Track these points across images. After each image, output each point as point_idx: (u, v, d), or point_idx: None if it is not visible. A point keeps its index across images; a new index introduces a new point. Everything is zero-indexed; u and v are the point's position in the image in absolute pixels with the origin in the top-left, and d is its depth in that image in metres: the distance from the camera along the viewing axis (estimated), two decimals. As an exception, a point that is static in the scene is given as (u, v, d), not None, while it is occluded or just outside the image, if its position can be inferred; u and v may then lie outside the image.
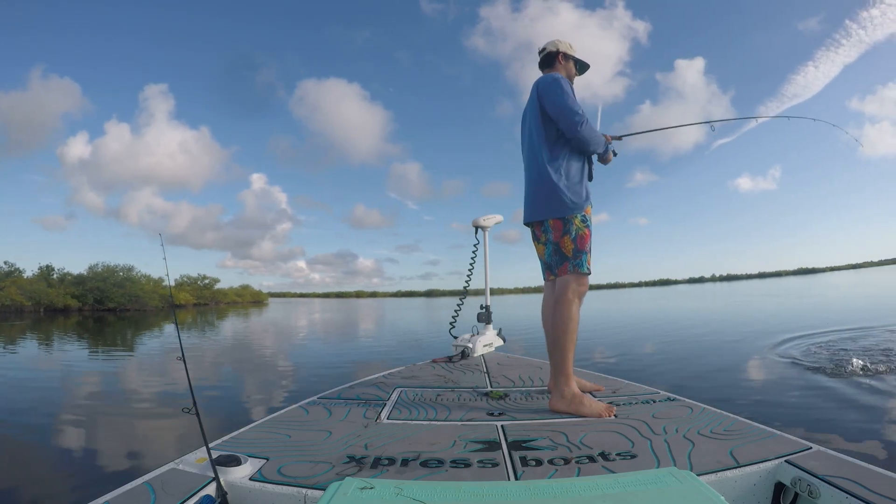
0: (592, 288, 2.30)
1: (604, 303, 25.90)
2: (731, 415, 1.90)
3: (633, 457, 1.50)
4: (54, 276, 47.78)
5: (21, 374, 7.21)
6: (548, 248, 2.29)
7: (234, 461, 1.42)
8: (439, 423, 1.94)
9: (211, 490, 1.32)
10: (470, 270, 3.76)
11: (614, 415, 1.98)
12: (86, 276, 47.30)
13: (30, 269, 47.77)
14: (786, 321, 9.89)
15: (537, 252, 2.43)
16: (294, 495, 1.31)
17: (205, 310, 45.54)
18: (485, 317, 3.86)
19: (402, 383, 2.70)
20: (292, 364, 7.68)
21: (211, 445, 1.48)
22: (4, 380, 6.49)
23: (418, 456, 1.55)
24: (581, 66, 2.52)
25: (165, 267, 1.57)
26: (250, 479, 1.38)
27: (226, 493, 1.34)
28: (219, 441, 1.71)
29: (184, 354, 1.47)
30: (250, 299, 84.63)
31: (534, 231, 2.39)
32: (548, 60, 2.46)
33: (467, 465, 1.47)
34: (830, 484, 1.22)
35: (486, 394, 2.41)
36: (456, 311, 3.86)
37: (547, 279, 2.41)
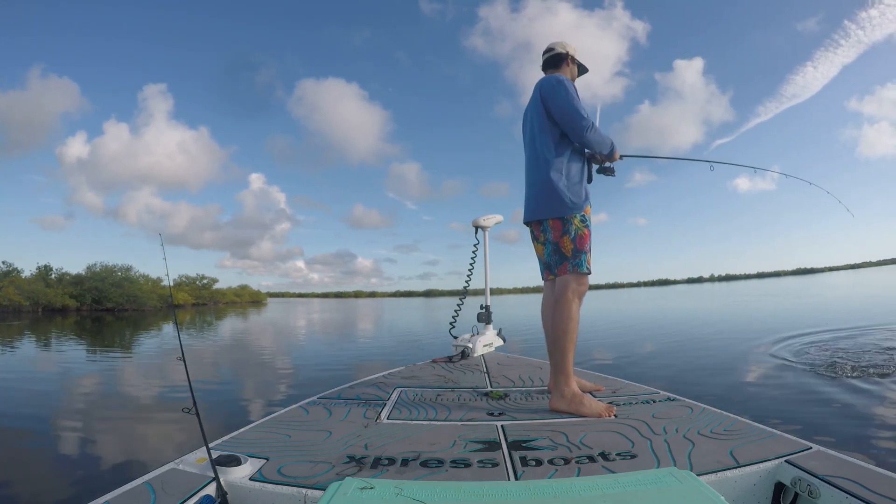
0: (591, 288, 2.30)
1: (603, 303, 25.92)
2: (731, 415, 1.90)
3: (633, 457, 1.50)
4: (52, 276, 47.66)
5: (20, 374, 7.19)
6: (547, 247, 2.29)
7: (234, 461, 1.42)
8: (439, 423, 1.94)
9: (211, 490, 1.32)
10: (470, 270, 3.75)
11: (614, 415, 1.98)
12: (84, 276, 47.20)
13: (28, 269, 47.78)
14: (785, 321, 9.90)
15: (536, 252, 2.42)
16: (294, 495, 1.31)
17: (203, 310, 45.46)
18: (485, 317, 3.86)
19: (402, 383, 2.70)
20: (292, 364, 7.67)
21: (211, 445, 1.48)
22: (3, 380, 6.48)
23: (418, 456, 1.55)
24: (581, 69, 2.53)
25: (165, 267, 1.57)
26: (250, 479, 1.38)
27: (226, 493, 1.34)
28: (219, 441, 1.71)
29: (184, 354, 1.47)
30: (249, 299, 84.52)
31: (533, 231, 2.38)
32: (554, 61, 2.44)
33: (467, 465, 1.47)
34: (830, 484, 1.22)
35: (486, 394, 2.41)
36: (456, 311, 3.85)
37: (546, 279, 2.40)
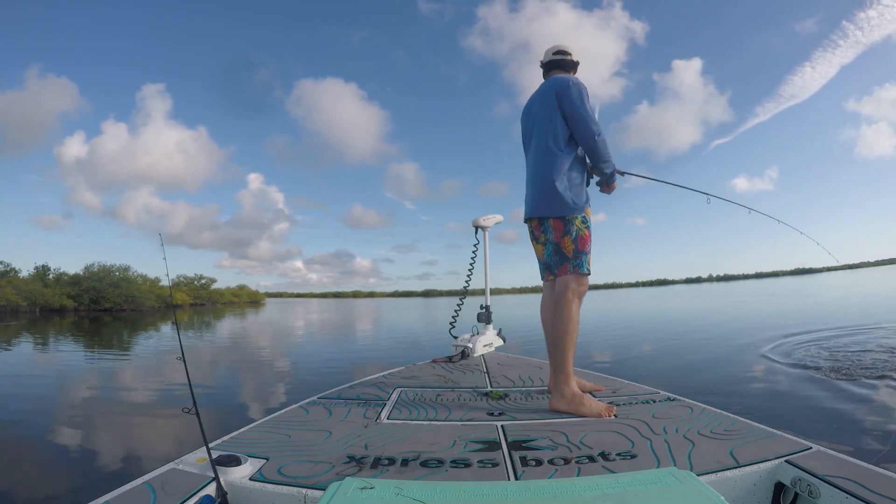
0: (589, 288, 2.29)
1: (602, 303, 25.94)
2: (731, 415, 1.90)
3: (633, 457, 1.50)
4: (50, 276, 47.58)
5: (19, 375, 7.17)
6: (547, 248, 2.28)
7: (234, 461, 1.42)
8: (439, 423, 1.94)
9: (211, 490, 1.32)
10: (470, 270, 3.75)
11: (614, 415, 1.98)
12: (82, 276, 47.13)
13: (26, 270, 47.69)
14: (784, 321, 9.91)
15: (536, 252, 2.41)
16: (294, 495, 1.30)
17: (201, 310, 45.40)
18: (485, 317, 3.86)
19: (402, 383, 2.69)
20: (291, 364, 7.66)
21: (211, 445, 1.47)
22: (2, 381, 6.46)
23: (418, 456, 1.55)
24: None
25: (165, 267, 1.57)
26: (250, 479, 1.38)
27: (226, 493, 1.34)
28: (219, 441, 1.70)
29: (184, 354, 1.46)
30: (247, 299, 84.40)
31: (532, 230, 2.36)
32: (565, 65, 2.43)
33: (467, 465, 1.46)
34: (830, 484, 1.22)
35: (486, 394, 2.41)
36: (456, 311, 3.85)
37: (546, 279, 2.39)
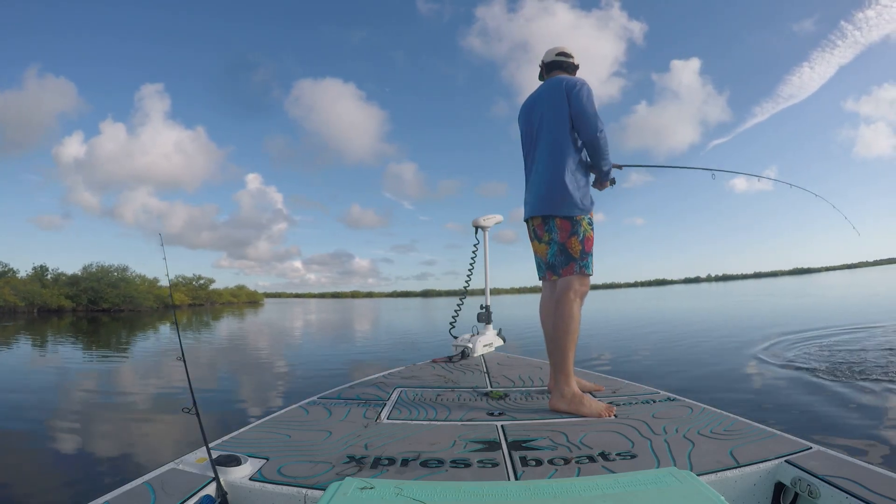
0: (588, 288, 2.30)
1: (601, 303, 25.95)
2: (731, 415, 1.90)
3: (633, 457, 1.50)
4: (48, 276, 47.46)
5: (17, 375, 7.15)
6: (552, 247, 2.25)
7: (234, 461, 1.42)
8: (439, 423, 1.94)
9: (211, 490, 1.31)
10: (470, 270, 3.75)
11: (614, 415, 1.98)
12: (80, 277, 46.97)
13: (24, 270, 47.56)
14: (783, 321, 9.92)
15: (537, 251, 2.37)
16: (294, 495, 1.30)
17: (200, 310, 45.33)
18: (485, 317, 3.86)
19: (402, 383, 2.69)
20: (291, 364, 7.65)
21: (211, 445, 1.47)
22: (1, 382, 6.44)
23: (418, 456, 1.54)
24: None
25: (165, 267, 1.56)
26: (250, 479, 1.38)
27: (226, 493, 1.34)
28: (219, 441, 1.70)
29: (184, 354, 1.46)
30: (246, 300, 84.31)
31: (535, 229, 2.32)
32: (566, 67, 2.43)
33: (467, 465, 1.46)
34: (830, 484, 1.22)
35: (486, 394, 2.40)
36: (456, 311, 3.85)
37: (548, 279, 2.35)
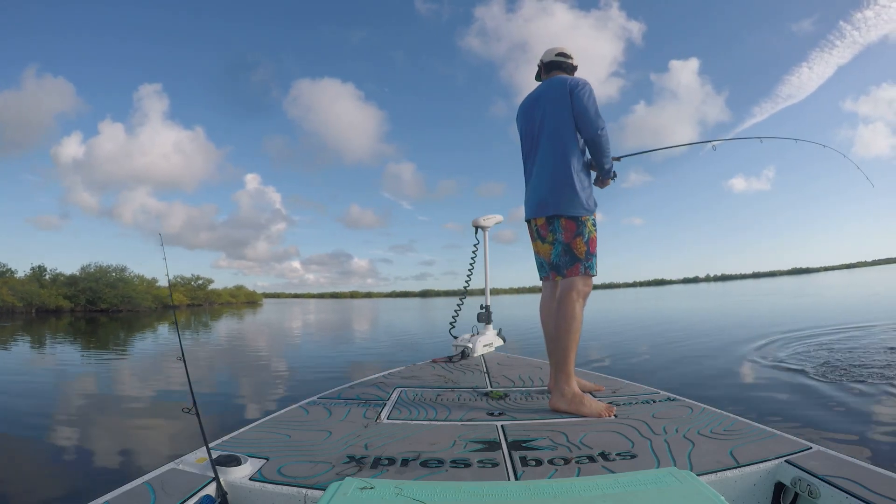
0: (586, 289, 2.30)
1: (600, 303, 25.95)
2: (731, 415, 1.90)
3: (633, 457, 1.50)
4: (46, 276, 47.33)
5: (16, 376, 7.12)
6: (556, 247, 2.23)
7: (234, 461, 1.42)
8: (439, 423, 1.94)
9: (211, 490, 1.31)
10: (470, 270, 3.75)
11: (614, 415, 1.98)
12: (78, 277, 46.84)
13: (22, 270, 47.44)
14: (782, 321, 9.90)
15: (540, 251, 2.35)
16: (294, 495, 1.30)
17: (198, 311, 45.25)
18: (485, 317, 3.86)
19: (402, 383, 2.69)
20: (290, 365, 7.64)
21: (211, 445, 1.47)
22: (0, 382, 6.42)
23: (418, 456, 1.54)
24: None
25: (165, 267, 1.56)
26: (250, 479, 1.38)
27: (226, 493, 1.34)
28: (219, 441, 1.70)
29: (184, 354, 1.46)
30: (244, 300, 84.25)
31: (538, 229, 2.30)
32: (565, 67, 2.44)
33: (467, 465, 1.46)
34: (830, 484, 1.23)
35: (486, 394, 2.40)
36: (456, 310, 3.85)
37: (552, 279, 2.33)
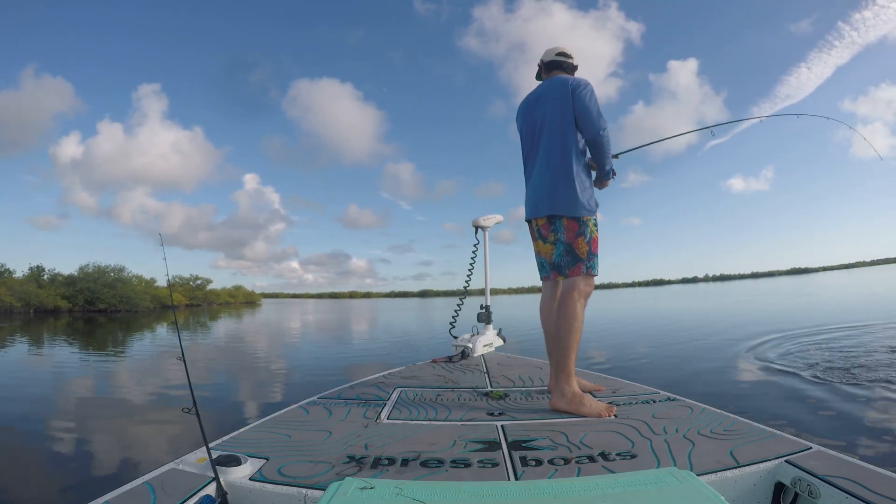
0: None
1: (599, 303, 25.95)
2: (731, 415, 1.90)
3: (633, 457, 1.50)
4: (45, 276, 47.24)
5: (14, 376, 7.10)
6: (557, 248, 2.22)
7: (234, 461, 1.42)
8: (439, 423, 1.94)
9: (211, 490, 1.31)
10: (470, 270, 3.75)
11: (614, 415, 1.98)
12: (76, 277, 46.75)
13: (20, 270, 47.33)
14: (782, 320, 9.88)
15: (541, 251, 2.34)
16: (294, 495, 1.30)
17: (197, 311, 45.19)
18: (485, 317, 3.85)
19: (402, 383, 2.69)
20: (290, 365, 7.63)
21: (211, 445, 1.47)
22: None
23: (418, 456, 1.54)
24: None
25: (165, 267, 1.55)
26: (250, 479, 1.38)
27: (226, 493, 1.33)
28: (219, 441, 1.70)
29: (184, 354, 1.46)
30: (243, 300, 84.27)
31: (539, 229, 2.30)
32: (566, 67, 2.43)
33: (467, 465, 1.46)
34: (830, 484, 1.23)
35: (486, 394, 2.40)
36: (456, 310, 3.85)
37: (553, 279, 2.32)
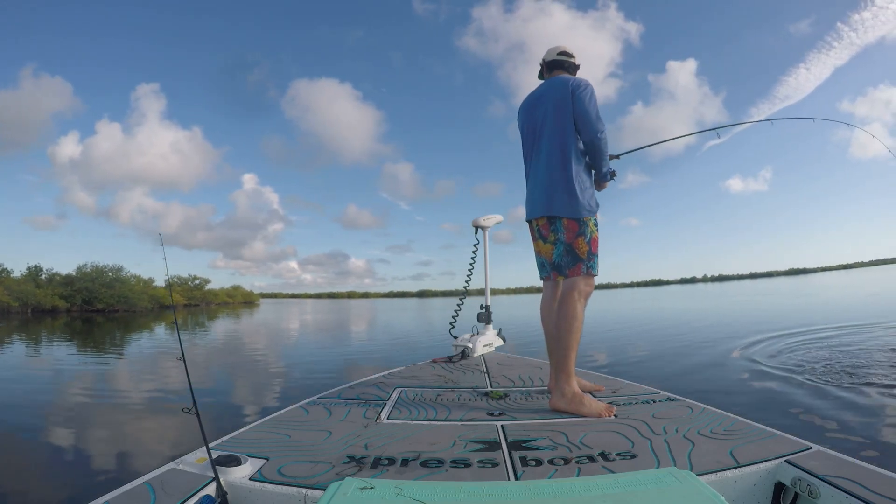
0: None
1: (598, 304, 25.95)
2: (731, 415, 1.90)
3: (633, 457, 1.50)
4: (42, 276, 47.12)
5: (13, 376, 7.07)
6: (558, 248, 2.23)
7: (234, 461, 1.41)
8: (439, 423, 1.94)
9: (211, 490, 1.31)
10: (470, 270, 3.75)
11: (614, 415, 1.98)
12: (74, 277, 46.66)
13: (18, 270, 47.18)
14: (781, 320, 9.86)
15: (541, 251, 2.34)
16: (294, 495, 1.30)
17: (195, 311, 45.10)
18: (485, 317, 3.85)
19: (402, 383, 2.69)
20: (290, 365, 7.62)
21: (211, 445, 1.47)
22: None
23: (418, 456, 1.54)
24: None
25: (165, 267, 1.56)
26: (250, 479, 1.37)
27: (226, 493, 1.33)
28: (219, 441, 1.70)
29: (184, 354, 1.46)
30: (241, 300, 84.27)
31: (540, 229, 2.30)
32: (567, 67, 2.43)
33: (467, 465, 1.46)
34: (830, 484, 1.23)
35: (486, 394, 2.40)
36: (456, 310, 3.85)
37: (553, 279, 2.33)
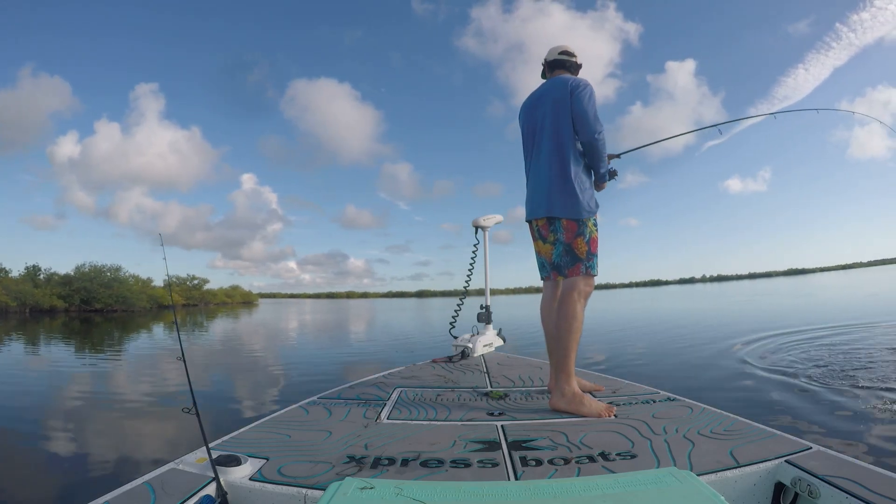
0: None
1: (598, 304, 25.97)
2: (731, 415, 1.90)
3: (633, 457, 1.50)
4: (41, 276, 47.02)
5: (13, 376, 7.05)
6: (557, 248, 2.23)
7: (234, 461, 1.41)
8: (439, 423, 1.94)
9: (211, 490, 1.31)
10: (470, 270, 3.75)
11: (614, 415, 1.98)
12: (73, 277, 46.56)
13: (17, 270, 47.07)
14: (781, 321, 9.85)
15: (541, 251, 2.35)
16: (294, 495, 1.30)
17: (194, 311, 45.04)
18: (485, 317, 3.85)
19: (402, 383, 2.69)
20: (290, 365, 7.61)
21: (211, 445, 1.47)
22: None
23: (418, 456, 1.54)
24: None
25: (165, 267, 1.56)
26: (250, 479, 1.37)
27: (226, 493, 1.33)
28: (219, 441, 1.70)
29: (184, 354, 1.45)
30: (240, 300, 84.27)
31: (539, 229, 2.31)
32: (569, 66, 2.43)
33: (467, 465, 1.46)
34: (830, 484, 1.23)
35: (486, 394, 2.41)
36: (456, 310, 3.85)
37: (553, 279, 2.33)
